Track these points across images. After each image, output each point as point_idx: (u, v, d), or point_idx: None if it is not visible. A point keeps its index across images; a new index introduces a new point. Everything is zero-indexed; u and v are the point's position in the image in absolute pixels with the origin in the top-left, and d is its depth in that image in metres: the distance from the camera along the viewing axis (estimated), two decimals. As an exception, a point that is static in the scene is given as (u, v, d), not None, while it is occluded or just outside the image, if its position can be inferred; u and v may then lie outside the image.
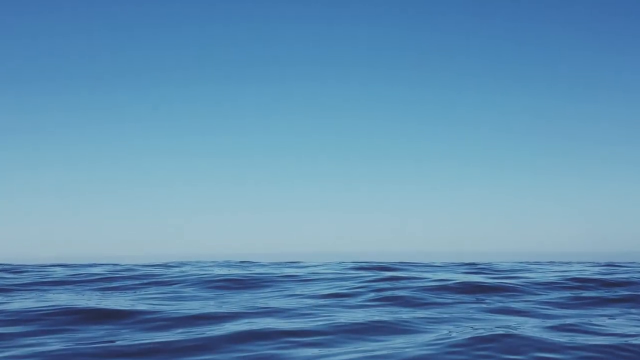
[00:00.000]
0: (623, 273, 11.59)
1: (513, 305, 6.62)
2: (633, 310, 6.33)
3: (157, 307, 6.29)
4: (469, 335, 4.67)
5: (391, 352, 3.98)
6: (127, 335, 4.79)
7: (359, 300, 7.23)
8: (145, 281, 10.06)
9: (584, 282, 9.05)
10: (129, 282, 9.97)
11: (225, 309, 6.25)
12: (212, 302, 7.02)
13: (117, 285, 9.60)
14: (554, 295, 7.48)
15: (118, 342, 4.46)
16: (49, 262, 17.28)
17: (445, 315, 5.81)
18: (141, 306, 6.40)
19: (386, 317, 5.59)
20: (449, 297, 7.55)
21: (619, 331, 4.85)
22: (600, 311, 6.26)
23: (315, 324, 5.14)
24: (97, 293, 8.23)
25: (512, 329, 4.88)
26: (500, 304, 6.71)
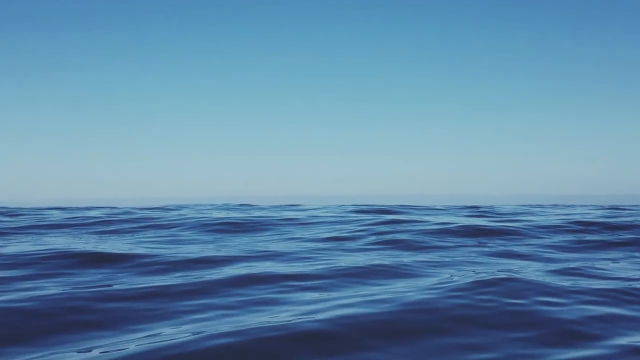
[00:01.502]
0: (627, 216, 11.60)
1: (515, 249, 6.58)
2: (637, 254, 6.29)
3: (155, 251, 6.24)
4: (470, 279, 4.60)
5: (392, 296, 3.90)
6: (125, 279, 4.72)
7: (360, 243, 7.20)
8: (143, 224, 10.05)
9: (587, 226, 9.03)
10: (127, 226, 9.96)
11: (224, 252, 6.21)
12: (210, 246, 6.98)
13: (115, 228, 9.59)
14: (557, 239, 7.44)
15: (115, 286, 4.39)
16: (45, 205, 17.31)
17: (446, 259, 5.76)
18: (139, 250, 6.35)
19: (387, 260, 5.53)
20: (451, 241, 7.53)
21: (622, 275, 4.79)
22: (603, 255, 6.22)
23: (315, 267, 5.08)
24: (95, 236, 8.20)
25: (515, 273, 4.81)
26: (503, 248, 6.68)
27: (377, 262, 5.37)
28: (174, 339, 2.70)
